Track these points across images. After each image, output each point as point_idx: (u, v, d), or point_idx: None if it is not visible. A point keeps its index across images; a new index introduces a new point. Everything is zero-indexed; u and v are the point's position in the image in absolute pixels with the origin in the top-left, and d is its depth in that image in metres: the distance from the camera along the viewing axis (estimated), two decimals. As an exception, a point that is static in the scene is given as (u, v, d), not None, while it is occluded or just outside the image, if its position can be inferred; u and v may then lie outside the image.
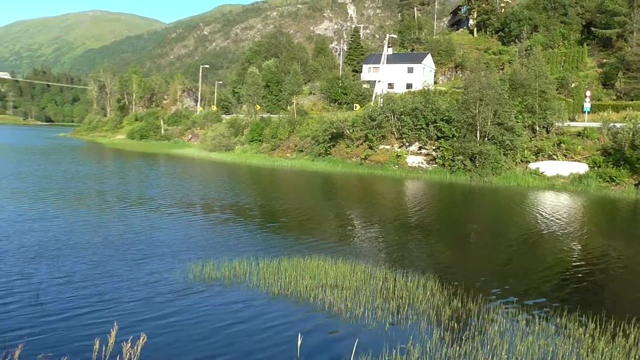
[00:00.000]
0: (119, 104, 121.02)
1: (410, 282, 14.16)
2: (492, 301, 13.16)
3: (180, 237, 19.31)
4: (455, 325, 11.38)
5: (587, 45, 68.90)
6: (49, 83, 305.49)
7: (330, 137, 55.91)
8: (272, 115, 73.75)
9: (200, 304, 12.20)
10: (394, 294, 13.27)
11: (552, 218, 27.08)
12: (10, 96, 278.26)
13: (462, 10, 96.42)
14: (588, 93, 54.16)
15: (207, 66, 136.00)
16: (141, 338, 5.09)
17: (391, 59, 72.26)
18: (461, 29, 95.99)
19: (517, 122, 47.31)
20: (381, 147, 53.81)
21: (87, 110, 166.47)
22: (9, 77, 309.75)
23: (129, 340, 5.03)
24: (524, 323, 11.72)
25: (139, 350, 5.06)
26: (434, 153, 50.42)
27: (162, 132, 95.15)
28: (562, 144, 46.22)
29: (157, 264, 15.32)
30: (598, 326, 11.46)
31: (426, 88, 58.81)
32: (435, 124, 50.19)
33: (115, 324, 5.28)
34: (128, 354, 4.99)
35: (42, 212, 23.35)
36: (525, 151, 47.22)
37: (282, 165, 55.68)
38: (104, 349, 4.98)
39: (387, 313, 12.10)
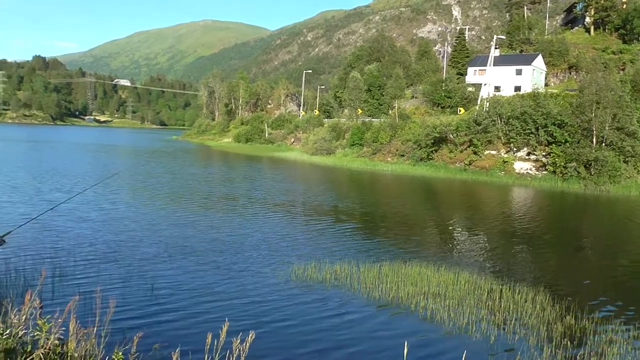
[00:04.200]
0: (227, 108, 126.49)
1: (517, 294, 13.45)
2: (609, 320, 12.15)
3: (284, 239, 19.73)
4: (569, 343, 10.63)
5: None
6: (164, 89, 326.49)
7: (432, 141, 54.81)
8: (373, 119, 73.70)
9: (303, 306, 12.35)
10: (500, 306, 12.67)
11: (680, 232, 24.66)
12: (130, 102, 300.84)
13: (578, 7, 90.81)
14: None
15: (310, 71, 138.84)
16: (250, 335, 5.18)
17: (498, 61, 69.57)
18: (576, 28, 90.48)
19: (640, 126, 43.77)
20: (486, 152, 51.94)
21: (197, 114, 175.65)
22: (129, 84, 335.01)
23: (238, 337, 5.14)
24: (648, 347, 10.71)
25: (247, 347, 5.16)
26: (544, 159, 47.86)
27: (266, 135, 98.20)
28: (693, 151, 42.17)
29: (262, 264, 15.75)
30: None
31: (536, 91, 55.99)
32: (546, 129, 47.60)
33: (226, 320, 5.43)
34: (237, 350, 5.10)
35: (158, 211, 24.90)
36: (650, 158, 43.53)
37: (383, 169, 55.37)
38: (215, 344, 5.14)
39: (492, 326, 11.58)
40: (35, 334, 5.43)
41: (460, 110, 67.62)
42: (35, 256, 14.97)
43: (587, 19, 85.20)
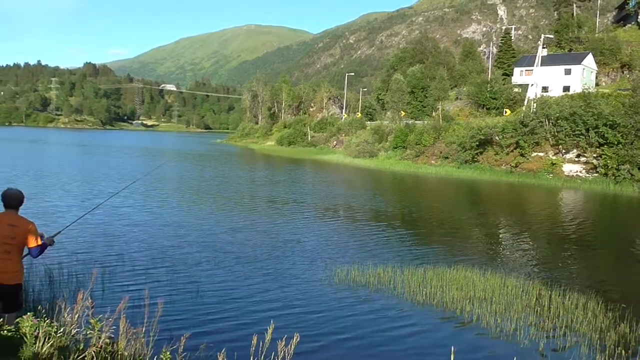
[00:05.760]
0: (270, 112, 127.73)
1: (567, 300, 13.02)
2: (667, 329, 11.61)
3: (326, 241, 19.73)
4: (623, 352, 10.20)
5: None
6: (208, 93, 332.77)
7: (477, 143, 53.84)
8: (416, 122, 72.94)
9: (347, 309, 12.30)
10: (550, 313, 12.30)
11: None
12: (176, 106, 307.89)
13: (630, 4, 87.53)
14: None
15: (352, 74, 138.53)
16: (294, 337, 5.21)
17: (546, 61, 67.84)
18: (629, 25, 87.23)
19: (699, 126, 41.81)
20: (534, 154, 50.66)
21: (240, 118, 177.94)
22: (175, 89, 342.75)
23: (283, 339, 5.17)
24: None
25: (292, 349, 5.18)
26: (594, 161, 46.31)
27: (309, 138, 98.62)
28: None
29: (305, 267, 15.79)
30: None
31: (586, 91, 54.28)
32: (597, 130, 46.02)
33: (271, 321, 5.47)
34: (282, 351, 5.13)
35: (206, 214, 25.34)
36: None
37: (426, 172, 54.77)
38: (260, 345, 5.18)
39: (541, 332, 11.25)
40: (87, 332, 5.60)
41: (506, 112, 66.25)
42: (86, 257, 15.44)
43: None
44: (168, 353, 5.45)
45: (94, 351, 5.34)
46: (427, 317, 12.04)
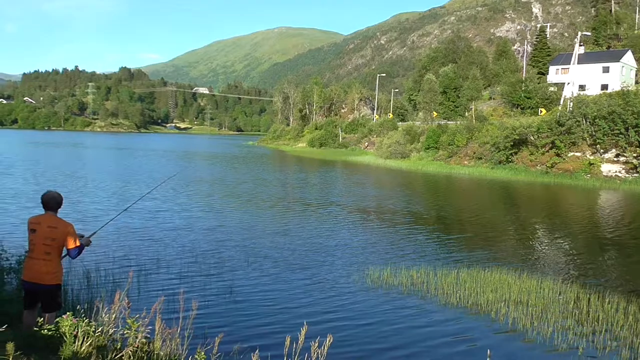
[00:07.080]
0: (301, 113, 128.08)
1: (607, 304, 12.66)
2: None
3: (359, 242, 19.71)
4: (666, 358, 9.89)
5: None
6: (240, 96, 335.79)
7: (512, 144, 52.94)
8: (449, 122, 72.19)
9: (380, 310, 12.25)
10: (588, 316, 11.99)
11: None
12: (208, 109, 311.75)
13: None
14: None
15: (384, 75, 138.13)
16: (328, 339, 5.20)
17: (583, 59, 66.25)
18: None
19: None
20: (570, 154, 49.52)
21: (272, 120, 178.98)
22: (207, 92, 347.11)
23: (316, 341, 5.16)
24: None
25: (325, 351, 5.18)
26: (634, 161, 45.00)
27: (340, 140, 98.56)
28: None
29: (338, 268, 15.77)
30: None
31: (626, 89, 52.80)
32: (636, 129, 44.75)
33: (304, 323, 5.47)
34: (315, 353, 5.13)
35: (239, 216, 25.57)
36: None
37: (459, 173, 54.11)
38: (294, 347, 5.18)
39: (580, 336, 10.96)
40: (124, 332, 5.70)
41: (541, 111, 64.97)
42: (123, 259, 15.73)
43: (683, 11, 79.59)
44: (202, 353, 5.52)
45: (131, 350, 5.44)
46: (460, 319, 11.87)
